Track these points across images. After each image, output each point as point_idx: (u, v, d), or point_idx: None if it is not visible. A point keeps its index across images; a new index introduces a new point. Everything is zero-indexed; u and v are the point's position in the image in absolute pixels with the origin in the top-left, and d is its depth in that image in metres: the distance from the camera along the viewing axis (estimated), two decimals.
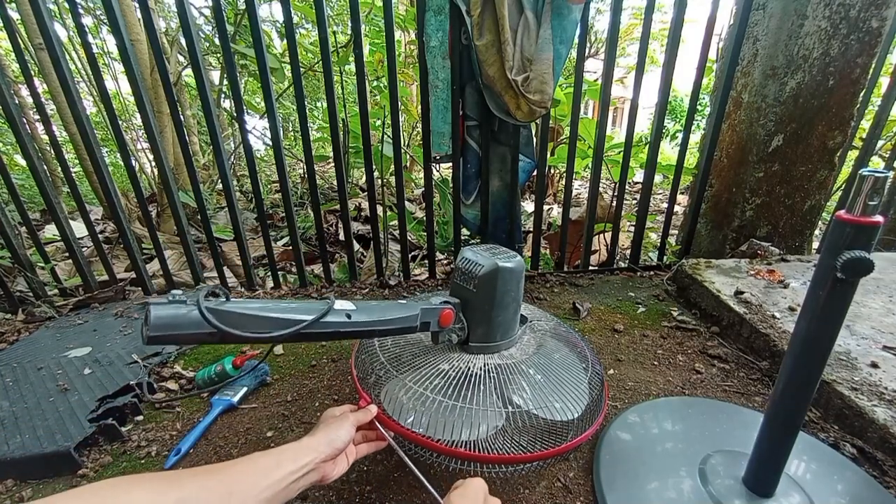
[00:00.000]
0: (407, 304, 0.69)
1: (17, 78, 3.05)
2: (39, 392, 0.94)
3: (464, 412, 0.66)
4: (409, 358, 0.76)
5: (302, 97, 1.35)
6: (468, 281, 0.72)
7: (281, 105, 3.88)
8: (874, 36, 1.36)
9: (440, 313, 0.68)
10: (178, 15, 1.21)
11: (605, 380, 0.83)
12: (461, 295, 0.74)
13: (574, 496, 0.73)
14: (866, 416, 0.79)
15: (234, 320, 0.51)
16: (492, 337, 0.75)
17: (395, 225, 2.33)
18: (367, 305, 0.65)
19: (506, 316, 0.75)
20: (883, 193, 0.47)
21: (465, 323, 0.74)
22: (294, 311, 0.56)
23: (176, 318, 0.47)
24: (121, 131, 1.35)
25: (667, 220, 1.69)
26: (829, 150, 1.52)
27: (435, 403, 0.67)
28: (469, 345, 0.75)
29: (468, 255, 0.74)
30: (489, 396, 0.69)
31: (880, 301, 1.18)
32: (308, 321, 0.55)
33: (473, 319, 0.74)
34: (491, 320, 0.74)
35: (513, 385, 0.72)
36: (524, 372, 0.74)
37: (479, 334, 0.75)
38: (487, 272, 0.70)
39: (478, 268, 0.71)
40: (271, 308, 0.54)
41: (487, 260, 0.71)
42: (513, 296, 0.74)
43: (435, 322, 0.69)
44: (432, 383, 0.69)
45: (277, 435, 0.88)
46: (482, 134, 1.42)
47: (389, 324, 0.64)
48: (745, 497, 0.66)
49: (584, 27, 1.33)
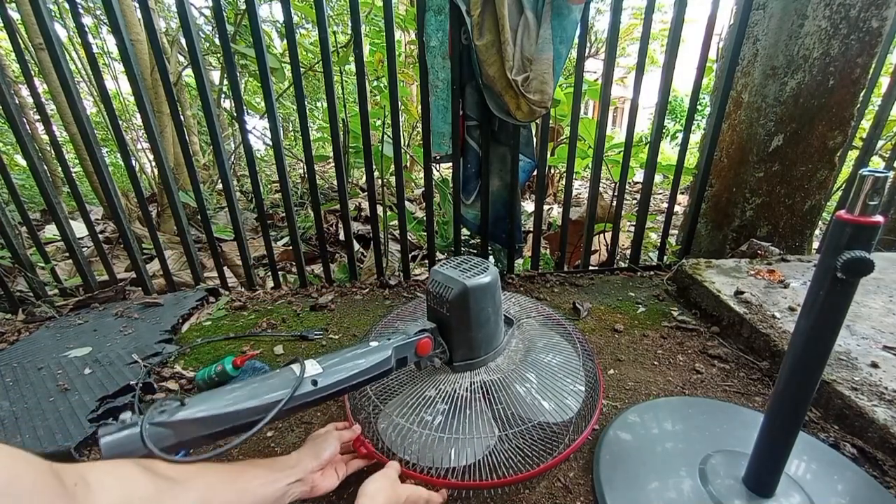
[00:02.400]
0: (378, 345, 0.66)
1: (17, 78, 3.05)
2: (40, 392, 0.94)
3: (453, 442, 0.65)
4: (397, 387, 0.74)
5: (302, 97, 1.35)
6: (440, 304, 0.69)
7: (281, 105, 3.89)
8: (874, 36, 1.36)
9: (416, 345, 0.66)
10: (178, 15, 1.21)
11: (599, 377, 0.82)
12: (437, 318, 0.71)
13: (574, 496, 0.73)
14: (866, 416, 0.79)
15: (189, 428, 0.49)
16: (475, 354, 0.73)
17: (395, 225, 2.34)
18: (335, 359, 0.62)
19: (486, 331, 0.73)
20: (883, 193, 0.47)
21: (446, 346, 0.71)
22: (257, 395, 0.54)
23: (128, 443, 0.46)
24: (121, 131, 1.35)
25: (667, 220, 1.69)
26: (830, 150, 1.52)
27: (423, 437, 0.66)
28: (454, 365, 0.73)
29: (437, 278, 0.71)
30: (478, 418, 0.67)
31: (880, 301, 1.17)
32: (268, 417, 0.53)
33: (453, 341, 0.71)
34: (471, 340, 0.71)
35: (501, 400, 0.70)
36: (511, 385, 0.72)
37: (461, 354, 0.72)
38: (457, 294, 0.67)
39: (447, 291, 0.68)
40: (232, 398, 0.52)
41: (456, 281, 0.68)
42: (490, 311, 0.71)
43: (412, 354, 0.66)
44: (419, 416, 0.67)
45: (277, 435, 0.88)
46: (482, 134, 1.42)
47: (361, 376, 0.61)
48: (745, 497, 0.66)
49: (584, 27, 1.33)
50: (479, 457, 0.65)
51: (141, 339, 1.16)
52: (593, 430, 0.81)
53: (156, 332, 1.20)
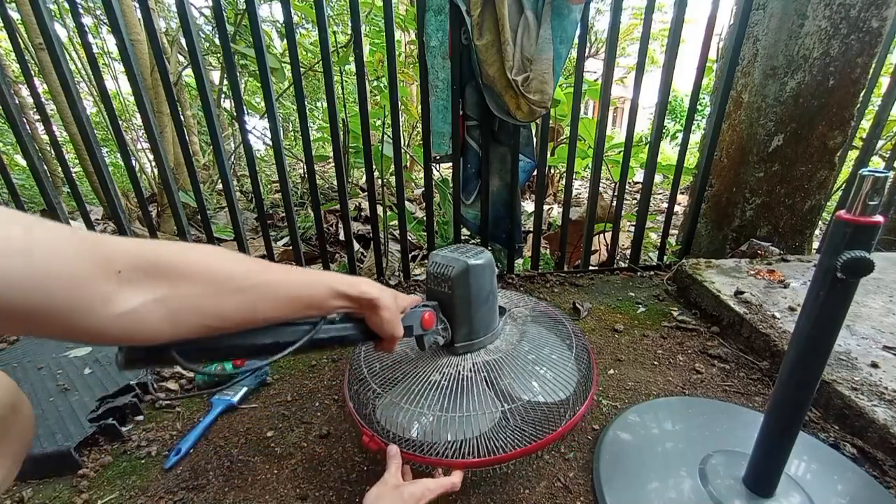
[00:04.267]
0: None
1: (17, 78, 3.05)
2: (39, 392, 0.94)
3: (459, 420, 0.67)
4: (401, 377, 0.76)
5: (302, 97, 1.35)
6: (442, 283, 0.73)
7: (281, 105, 3.89)
8: (874, 36, 1.36)
9: (421, 316, 0.69)
10: (178, 15, 1.21)
11: (591, 350, 0.83)
12: (438, 298, 0.75)
13: (574, 496, 0.73)
14: (866, 416, 0.79)
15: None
16: (475, 334, 0.76)
17: (395, 225, 2.34)
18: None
19: (486, 311, 0.77)
20: (883, 193, 0.47)
21: (448, 324, 0.74)
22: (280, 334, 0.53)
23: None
24: (121, 131, 1.35)
25: (667, 220, 1.69)
26: (830, 150, 1.52)
27: (432, 419, 0.68)
28: (455, 346, 0.76)
29: (437, 259, 0.75)
30: (483, 395, 0.70)
31: (880, 301, 1.17)
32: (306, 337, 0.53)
33: (455, 319, 0.74)
34: (472, 317, 0.75)
35: (503, 378, 0.73)
36: (512, 362, 0.75)
37: (463, 333, 0.75)
38: (460, 271, 0.71)
39: (449, 269, 0.72)
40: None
41: (457, 260, 0.73)
42: (489, 289, 0.76)
43: (417, 325, 0.69)
44: (426, 399, 0.69)
45: (277, 435, 0.88)
46: (482, 134, 1.42)
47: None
48: (745, 497, 0.66)
49: (584, 27, 1.33)
50: (483, 430, 0.67)
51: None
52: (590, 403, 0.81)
53: None
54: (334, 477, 0.78)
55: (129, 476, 0.79)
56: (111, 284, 0.34)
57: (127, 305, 0.35)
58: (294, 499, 0.74)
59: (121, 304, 0.35)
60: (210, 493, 0.75)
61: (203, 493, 0.75)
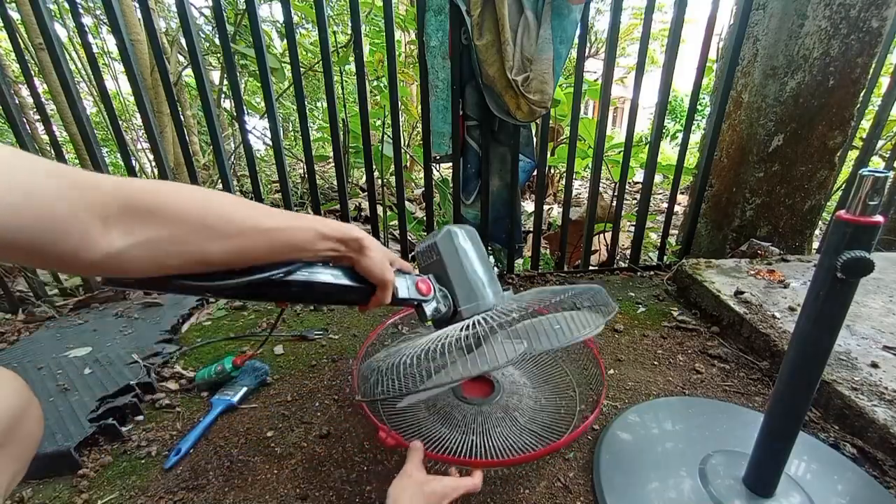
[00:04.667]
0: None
1: (17, 78, 3.05)
2: (39, 392, 0.94)
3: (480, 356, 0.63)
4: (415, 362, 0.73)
5: (302, 97, 1.35)
6: (430, 254, 0.75)
7: (281, 105, 3.88)
8: (874, 36, 1.36)
9: (416, 282, 0.69)
10: (178, 15, 1.21)
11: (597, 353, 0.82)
12: (431, 270, 0.76)
13: (574, 496, 0.73)
14: (866, 416, 0.79)
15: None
16: (479, 293, 0.73)
17: (395, 225, 2.33)
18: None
19: (483, 272, 0.76)
20: (883, 193, 0.47)
21: (447, 290, 0.74)
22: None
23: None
24: (121, 131, 1.35)
25: (667, 220, 1.69)
26: (830, 150, 1.52)
27: (455, 363, 0.65)
28: (460, 311, 0.73)
29: (421, 244, 0.79)
30: (502, 335, 0.67)
31: (880, 301, 1.17)
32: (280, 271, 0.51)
33: (451, 283, 0.73)
34: (469, 278, 0.73)
35: (521, 331, 0.69)
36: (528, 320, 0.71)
37: (464, 296, 0.73)
38: (443, 236, 0.75)
39: (433, 239, 0.75)
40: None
41: (438, 232, 0.76)
42: (477, 250, 0.77)
43: (413, 289, 0.68)
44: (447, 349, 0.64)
45: (277, 435, 0.88)
46: (482, 134, 1.42)
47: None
48: (745, 497, 0.66)
49: (584, 27, 1.33)
50: (510, 357, 0.63)
51: (141, 339, 1.16)
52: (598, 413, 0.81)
53: (156, 332, 1.20)
54: (334, 477, 0.78)
55: (129, 476, 0.79)
56: (96, 227, 0.34)
57: (112, 248, 0.35)
58: (294, 499, 0.74)
59: (105, 246, 0.34)
60: (210, 493, 0.75)
61: (203, 493, 0.75)
